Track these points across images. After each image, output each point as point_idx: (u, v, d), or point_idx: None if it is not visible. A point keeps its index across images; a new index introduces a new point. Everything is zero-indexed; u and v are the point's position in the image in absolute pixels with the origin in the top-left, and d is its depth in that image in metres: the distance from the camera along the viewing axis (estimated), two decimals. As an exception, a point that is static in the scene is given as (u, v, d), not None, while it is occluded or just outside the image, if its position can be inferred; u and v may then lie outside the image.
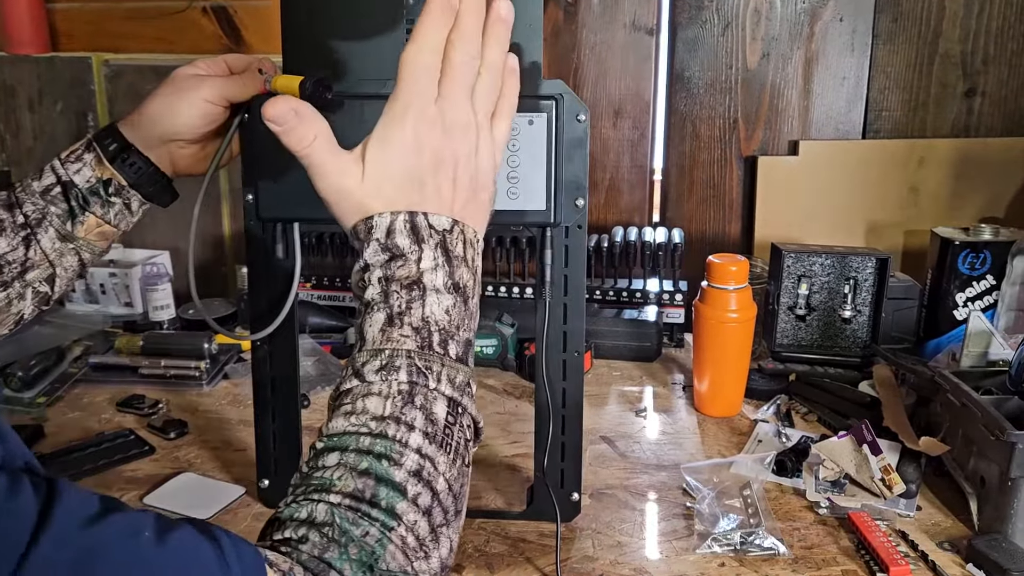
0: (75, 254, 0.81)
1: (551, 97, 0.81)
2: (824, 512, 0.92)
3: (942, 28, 1.40)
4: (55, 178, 0.80)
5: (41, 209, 0.79)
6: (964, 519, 0.91)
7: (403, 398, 0.51)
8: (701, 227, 1.53)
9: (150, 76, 1.60)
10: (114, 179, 0.80)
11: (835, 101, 1.45)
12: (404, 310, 0.53)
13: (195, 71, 0.82)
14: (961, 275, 1.24)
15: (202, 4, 1.58)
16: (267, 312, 0.87)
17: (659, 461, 1.05)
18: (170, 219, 0.85)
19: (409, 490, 0.49)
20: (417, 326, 0.53)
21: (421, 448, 0.50)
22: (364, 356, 0.53)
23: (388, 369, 0.52)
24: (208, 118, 0.81)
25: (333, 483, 0.48)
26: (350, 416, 0.51)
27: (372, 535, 0.47)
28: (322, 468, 0.50)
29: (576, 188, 0.84)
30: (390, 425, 0.50)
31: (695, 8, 1.44)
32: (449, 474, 0.51)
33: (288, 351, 0.90)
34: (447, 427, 0.52)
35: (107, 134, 0.80)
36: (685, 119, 1.49)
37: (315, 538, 0.46)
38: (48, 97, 1.64)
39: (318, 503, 0.48)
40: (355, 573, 0.46)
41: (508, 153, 0.81)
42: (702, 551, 0.86)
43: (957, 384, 0.93)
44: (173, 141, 0.82)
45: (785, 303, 1.26)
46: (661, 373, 1.31)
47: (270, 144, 0.81)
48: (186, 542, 0.42)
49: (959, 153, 1.42)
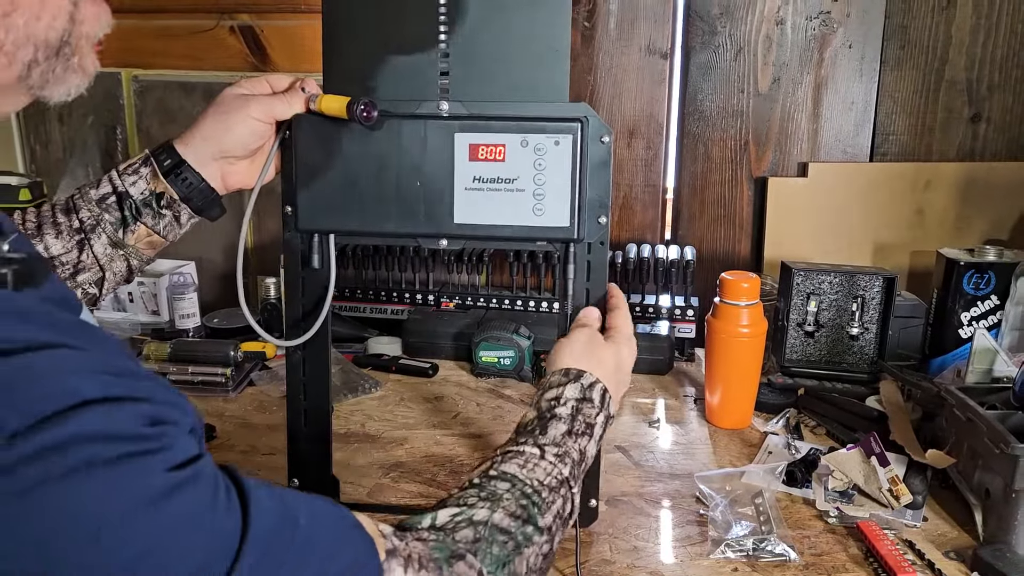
0: (124, 260, 0.86)
1: (576, 119, 0.85)
2: (833, 521, 0.95)
3: (948, 56, 1.45)
4: (111, 188, 0.84)
5: (96, 216, 0.83)
6: (969, 530, 0.94)
7: (559, 484, 0.70)
8: (712, 245, 1.57)
9: (177, 92, 1.65)
10: (167, 193, 0.85)
11: (844, 125, 1.49)
12: (579, 434, 0.75)
13: (241, 91, 0.86)
14: (966, 295, 1.27)
15: (229, 23, 1.63)
16: (302, 320, 0.92)
17: (672, 470, 1.08)
18: (195, 231, 0.90)
19: (543, 529, 0.66)
20: (581, 450, 0.75)
21: (556, 515, 0.69)
22: (546, 441, 0.73)
23: (559, 460, 0.72)
24: (256, 136, 0.86)
25: (501, 499, 0.65)
26: (522, 469, 0.69)
27: (512, 543, 0.62)
28: (494, 488, 0.66)
29: (599, 206, 0.88)
30: (545, 492, 0.69)
31: (708, 33, 1.49)
32: (557, 539, 0.69)
33: (321, 357, 0.94)
34: (569, 515, 0.72)
35: (163, 150, 0.85)
36: (697, 140, 1.54)
37: (468, 532, 0.60)
38: (79, 110, 1.69)
39: (481, 508, 0.63)
40: (491, 565, 0.59)
41: (534, 172, 0.86)
42: (715, 556, 0.89)
43: (963, 399, 0.96)
44: (224, 158, 0.86)
45: (794, 319, 1.30)
46: (673, 386, 1.35)
47: (309, 160, 0.88)
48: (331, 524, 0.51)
49: (965, 176, 1.46)
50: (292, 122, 0.87)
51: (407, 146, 0.86)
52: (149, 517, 0.39)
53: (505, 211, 0.87)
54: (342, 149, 0.87)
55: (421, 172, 0.87)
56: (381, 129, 0.86)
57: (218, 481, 0.44)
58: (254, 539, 0.44)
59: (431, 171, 0.87)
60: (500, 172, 0.86)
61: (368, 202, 0.88)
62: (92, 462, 0.37)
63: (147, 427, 0.40)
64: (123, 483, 0.38)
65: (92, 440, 0.37)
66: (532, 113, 0.86)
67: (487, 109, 0.87)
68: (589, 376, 0.79)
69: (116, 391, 0.39)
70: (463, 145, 0.86)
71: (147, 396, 0.41)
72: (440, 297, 1.52)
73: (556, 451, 0.72)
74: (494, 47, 0.87)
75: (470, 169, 0.86)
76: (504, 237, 0.88)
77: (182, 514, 0.41)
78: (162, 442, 0.40)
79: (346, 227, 0.89)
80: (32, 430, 0.35)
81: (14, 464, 0.34)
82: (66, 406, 0.36)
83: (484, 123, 0.86)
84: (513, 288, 1.50)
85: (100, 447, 0.37)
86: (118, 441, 0.38)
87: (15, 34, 0.45)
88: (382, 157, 0.87)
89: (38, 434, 0.35)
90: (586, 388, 0.78)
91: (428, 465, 1.09)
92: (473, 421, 1.22)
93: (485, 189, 0.87)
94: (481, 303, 1.50)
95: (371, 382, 1.33)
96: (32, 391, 0.36)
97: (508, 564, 0.61)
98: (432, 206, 0.87)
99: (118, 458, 0.38)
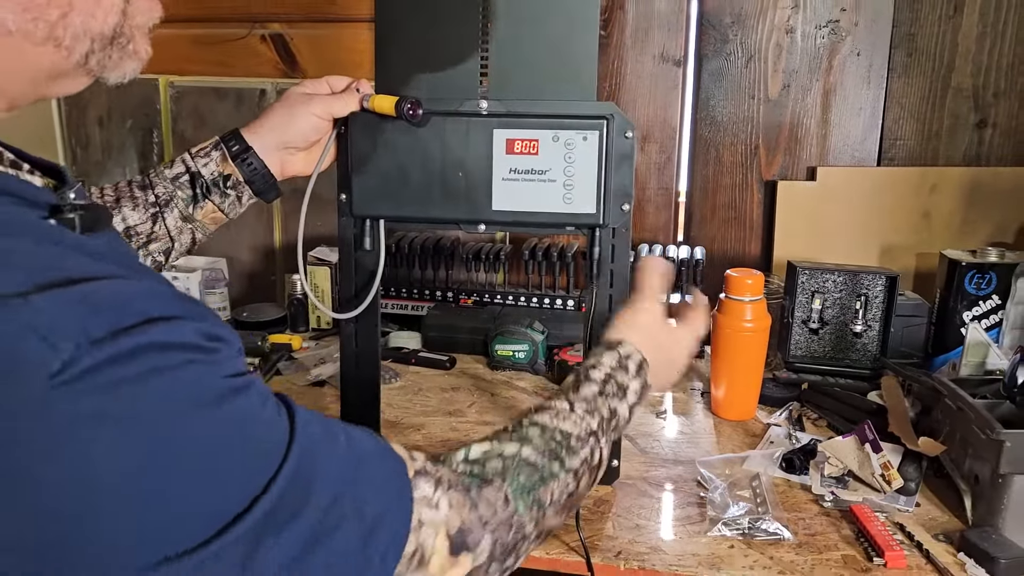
0: (190, 233, 0.96)
1: (603, 117, 0.94)
2: (828, 504, 1.00)
3: (955, 63, 1.49)
4: (184, 168, 0.94)
5: (170, 192, 0.93)
6: (960, 515, 0.98)
7: (587, 435, 0.75)
8: (723, 246, 1.61)
9: (211, 97, 1.73)
10: (233, 175, 0.95)
11: (852, 130, 1.54)
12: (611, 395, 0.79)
13: (305, 90, 0.97)
14: (968, 295, 1.31)
15: (261, 32, 1.71)
16: (354, 296, 1.03)
17: (676, 457, 1.13)
18: (225, 230, 1.01)
19: (569, 470, 0.70)
20: (612, 408, 0.79)
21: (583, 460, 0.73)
22: (577, 398, 0.77)
23: (588, 414, 0.76)
24: (316, 130, 0.96)
25: (530, 439, 0.69)
26: (553, 420, 0.73)
27: (539, 475, 0.67)
28: (525, 432, 0.70)
29: (623, 195, 0.96)
30: (573, 440, 0.73)
31: (720, 41, 1.54)
32: (584, 482, 0.73)
33: (371, 328, 1.04)
34: (598, 464, 0.76)
35: (232, 137, 0.95)
36: (709, 145, 1.59)
37: (497, 464, 0.66)
38: (117, 114, 1.78)
39: (511, 445, 0.68)
40: (517, 490, 0.65)
41: (565, 164, 0.95)
42: (713, 534, 0.94)
43: (954, 389, 1.00)
44: (286, 148, 0.96)
45: (799, 317, 1.34)
46: (681, 380, 1.39)
47: (362, 153, 0.97)
48: (367, 445, 0.57)
49: (970, 181, 1.49)
50: (348, 119, 0.97)
51: (450, 141, 0.96)
52: (208, 414, 0.45)
53: (538, 199, 0.96)
54: (391, 143, 0.97)
55: (463, 164, 0.97)
56: (427, 125, 0.96)
57: (268, 394, 0.51)
58: (299, 444, 0.50)
59: (472, 163, 0.96)
60: (534, 164, 0.96)
61: (415, 191, 0.98)
62: (159, 367, 0.43)
63: (205, 340, 0.46)
64: (185, 384, 0.44)
65: (159, 348, 0.43)
66: (563, 111, 0.95)
67: (522, 107, 0.96)
68: (628, 346, 0.82)
69: (177, 311, 0.45)
70: (501, 140, 0.96)
71: (203, 317, 0.47)
72: (459, 294, 1.58)
73: (586, 407, 0.76)
74: (529, 52, 0.97)
75: (507, 161, 0.96)
76: (537, 223, 0.98)
77: (237, 414, 0.47)
78: (218, 354, 0.47)
79: (395, 213, 1.00)
80: (111, 337, 0.41)
81: (94, 367, 0.40)
82: (138, 319, 0.43)
83: (520, 120, 0.96)
84: (528, 286, 1.56)
85: (167, 354, 0.43)
86: (181, 350, 0.44)
87: (72, 30, 0.51)
88: (428, 151, 0.97)
89: (115, 342, 0.41)
90: (623, 357, 0.82)
91: (444, 449, 1.14)
92: (488, 410, 1.28)
93: (520, 180, 0.96)
94: (498, 300, 1.56)
95: (392, 373, 1.39)
96: (109, 308, 0.42)
97: (533, 491, 0.66)
98: (473, 194, 0.97)
99: (181, 363, 0.44)
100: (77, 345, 0.40)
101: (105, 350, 0.40)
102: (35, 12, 0.49)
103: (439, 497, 0.59)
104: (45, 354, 0.39)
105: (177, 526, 0.44)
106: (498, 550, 0.62)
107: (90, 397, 0.40)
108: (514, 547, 0.64)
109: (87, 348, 0.40)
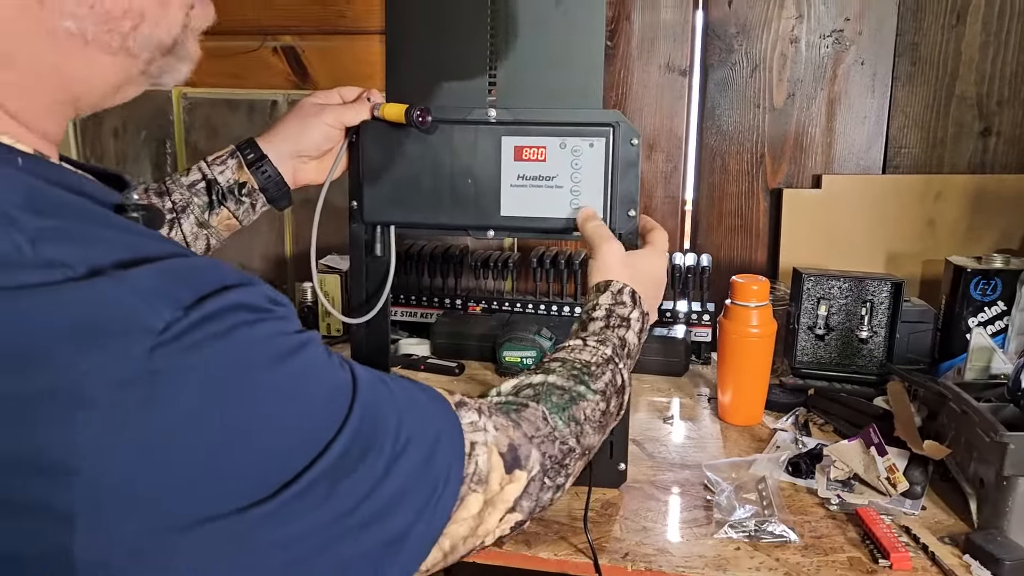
0: (205, 239, 0.98)
1: (609, 124, 0.96)
2: (834, 508, 1.00)
3: (959, 72, 1.50)
4: (201, 175, 0.97)
5: (186, 199, 0.96)
6: (965, 518, 0.98)
7: (604, 361, 0.81)
8: (729, 254, 1.63)
9: (223, 108, 1.76)
10: (248, 182, 0.98)
11: (856, 138, 1.55)
12: (616, 326, 0.85)
13: (318, 100, 1.00)
14: (973, 301, 1.32)
15: (273, 44, 1.74)
16: (365, 301, 1.05)
17: (683, 461, 1.14)
18: (237, 239, 1.03)
19: (596, 391, 0.77)
20: (620, 337, 0.84)
21: (607, 383, 0.79)
22: (586, 334, 0.83)
23: (600, 344, 0.82)
24: (328, 139, 1.00)
25: (553, 370, 0.77)
26: (570, 354, 0.80)
27: (568, 396, 0.75)
28: (546, 365, 0.78)
29: (629, 201, 0.98)
30: (592, 367, 0.79)
31: (725, 51, 1.56)
32: (612, 403, 0.80)
33: (382, 333, 1.07)
34: (620, 388, 0.82)
35: (247, 145, 0.98)
36: (715, 153, 1.60)
37: (528, 391, 0.74)
38: (132, 125, 1.80)
39: (537, 375, 0.76)
40: (552, 409, 0.72)
41: (572, 171, 0.97)
42: (719, 536, 0.95)
43: (958, 392, 1.01)
44: (299, 157, 1.00)
45: (805, 323, 1.35)
46: (688, 387, 1.40)
47: (373, 161, 1.00)
48: (408, 382, 0.62)
49: (975, 188, 1.50)
50: (359, 128, 0.99)
51: (459, 148, 0.98)
52: (287, 362, 0.50)
53: (546, 205, 0.98)
54: (402, 151, 0.99)
55: (472, 171, 0.99)
56: (436, 133, 0.98)
57: (327, 346, 0.55)
58: (361, 382, 0.55)
59: (481, 170, 0.98)
60: (541, 171, 0.98)
61: (425, 197, 1.00)
62: (237, 324, 0.47)
63: (270, 303, 0.51)
64: (263, 339, 0.49)
65: (237, 309, 0.48)
66: (570, 119, 0.97)
67: (530, 115, 0.98)
68: (617, 283, 0.88)
69: (243, 280, 0.50)
70: (509, 147, 0.98)
71: (262, 284, 0.52)
72: (467, 301, 1.60)
73: (596, 339, 0.82)
74: (536, 61, 0.99)
75: (515, 168, 0.98)
76: (545, 229, 0.99)
77: (309, 361, 0.52)
78: (283, 312, 0.52)
79: (405, 219, 1.02)
80: (198, 302, 0.46)
81: (188, 327, 0.45)
82: (217, 287, 0.47)
83: (527, 128, 0.97)
84: (536, 293, 1.57)
85: (243, 314, 0.48)
86: (254, 310, 0.49)
87: (142, 39, 0.54)
88: (437, 158, 0.99)
89: (202, 306, 0.46)
90: (616, 293, 0.87)
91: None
92: (496, 416, 1.29)
93: (528, 186, 0.98)
94: (506, 307, 1.58)
95: (401, 380, 1.40)
96: (193, 278, 0.47)
97: (567, 409, 0.73)
98: (482, 201, 0.99)
99: (255, 321, 0.49)
100: (174, 308, 0.45)
101: (196, 313, 0.45)
102: (112, 24, 0.52)
103: (484, 421, 0.64)
104: (151, 316, 0.44)
105: (269, 465, 0.48)
106: (548, 463, 0.68)
107: (186, 353, 0.45)
108: (561, 460, 0.70)
109: (183, 311, 0.45)
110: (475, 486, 0.61)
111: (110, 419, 0.42)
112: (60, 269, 0.43)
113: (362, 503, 0.52)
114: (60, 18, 0.51)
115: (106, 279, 0.44)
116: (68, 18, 0.51)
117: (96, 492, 0.42)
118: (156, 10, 0.55)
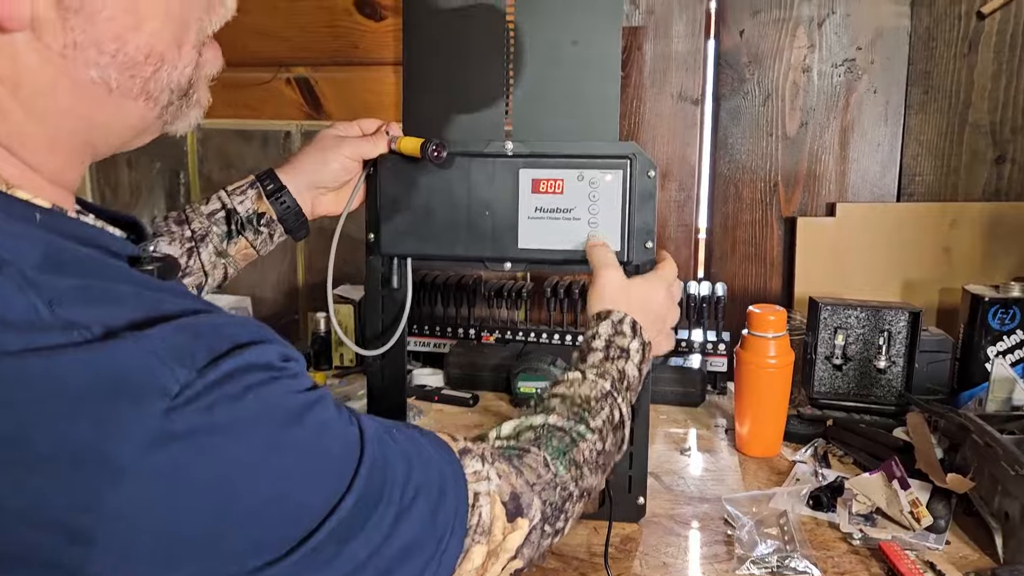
0: (223, 268, 0.98)
1: (626, 156, 0.96)
2: (857, 543, 0.99)
3: (971, 100, 1.50)
4: (220, 205, 0.98)
5: (206, 228, 0.96)
6: (990, 553, 0.97)
7: (603, 396, 0.80)
8: (744, 282, 1.62)
9: (237, 139, 1.77)
10: (267, 212, 0.98)
11: (870, 166, 1.55)
12: (615, 358, 0.85)
13: (337, 133, 1.01)
14: (992, 330, 1.31)
15: (286, 75, 1.75)
16: (380, 333, 1.05)
17: (702, 494, 1.12)
18: (252, 269, 1.04)
19: (594, 430, 0.77)
20: (620, 369, 0.84)
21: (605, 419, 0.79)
22: (585, 367, 0.83)
23: (599, 377, 0.82)
24: (347, 171, 1.00)
25: (553, 409, 0.77)
26: (569, 388, 0.80)
27: (568, 438, 0.74)
28: (546, 403, 0.78)
29: (646, 232, 0.97)
30: (591, 402, 0.79)
31: (737, 81, 1.56)
32: (609, 441, 0.79)
33: (398, 365, 1.06)
34: (620, 422, 0.82)
35: (267, 176, 0.99)
36: (728, 182, 1.60)
37: (529, 434, 0.73)
38: (146, 156, 1.82)
39: (538, 416, 0.75)
40: (553, 453, 0.71)
41: (589, 203, 0.97)
42: (741, 572, 0.93)
43: (981, 425, 1.00)
44: (317, 188, 1.00)
45: (822, 353, 1.34)
46: (705, 417, 1.39)
47: (391, 193, 0.99)
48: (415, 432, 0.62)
49: (990, 216, 1.49)
50: (377, 160, 1.00)
51: (477, 181, 0.99)
52: (297, 423, 0.50)
53: (563, 237, 0.98)
54: (420, 184, 1.00)
55: (489, 203, 0.99)
56: (453, 167, 0.99)
57: (337, 402, 0.55)
58: (369, 438, 0.55)
59: (498, 202, 0.99)
60: (559, 203, 0.98)
61: (442, 230, 1.00)
62: (251, 385, 0.47)
63: (282, 361, 0.51)
64: (277, 399, 0.49)
65: (249, 369, 0.48)
66: (587, 151, 0.97)
67: (547, 148, 0.98)
68: (617, 313, 0.87)
69: (256, 337, 0.50)
70: (526, 180, 0.98)
71: (275, 340, 0.52)
72: (481, 331, 1.59)
73: (595, 372, 0.82)
74: (552, 94, 0.99)
75: (533, 200, 0.98)
76: (562, 261, 0.99)
77: (320, 420, 0.52)
78: (295, 371, 0.52)
79: (422, 252, 1.02)
80: (213, 363, 0.46)
81: (204, 389, 0.45)
82: (231, 346, 0.47)
83: (545, 160, 0.98)
84: (551, 323, 1.56)
85: (257, 374, 0.48)
86: (267, 369, 0.49)
87: (161, 83, 0.55)
88: (454, 190, 0.99)
89: (217, 367, 0.46)
90: (616, 323, 0.87)
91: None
92: (511, 447, 1.28)
93: (546, 218, 0.98)
94: (520, 337, 1.57)
95: (415, 411, 1.40)
96: (205, 338, 0.47)
97: (567, 453, 0.73)
98: (499, 233, 0.99)
99: (269, 380, 0.49)
100: (189, 370, 0.45)
101: (210, 374, 0.45)
102: (135, 69, 0.53)
103: (487, 470, 0.64)
104: (167, 378, 0.44)
105: (285, 523, 0.48)
106: (549, 510, 0.68)
107: (201, 415, 0.45)
108: (561, 506, 0.70)
109: (197, 372, 0.45)
110: (479, 537, 0.61)
111: (128, 481, 0.42)
112: (77, 331, 0.43)
113: (371, 557, 0.52)
114: (85, 68, 0.51)
115: (122, 341, 0.44)
116: (92, 67, 0.51)
117: (113, 555, 0.42)
118: (174, 52, 0.55)
